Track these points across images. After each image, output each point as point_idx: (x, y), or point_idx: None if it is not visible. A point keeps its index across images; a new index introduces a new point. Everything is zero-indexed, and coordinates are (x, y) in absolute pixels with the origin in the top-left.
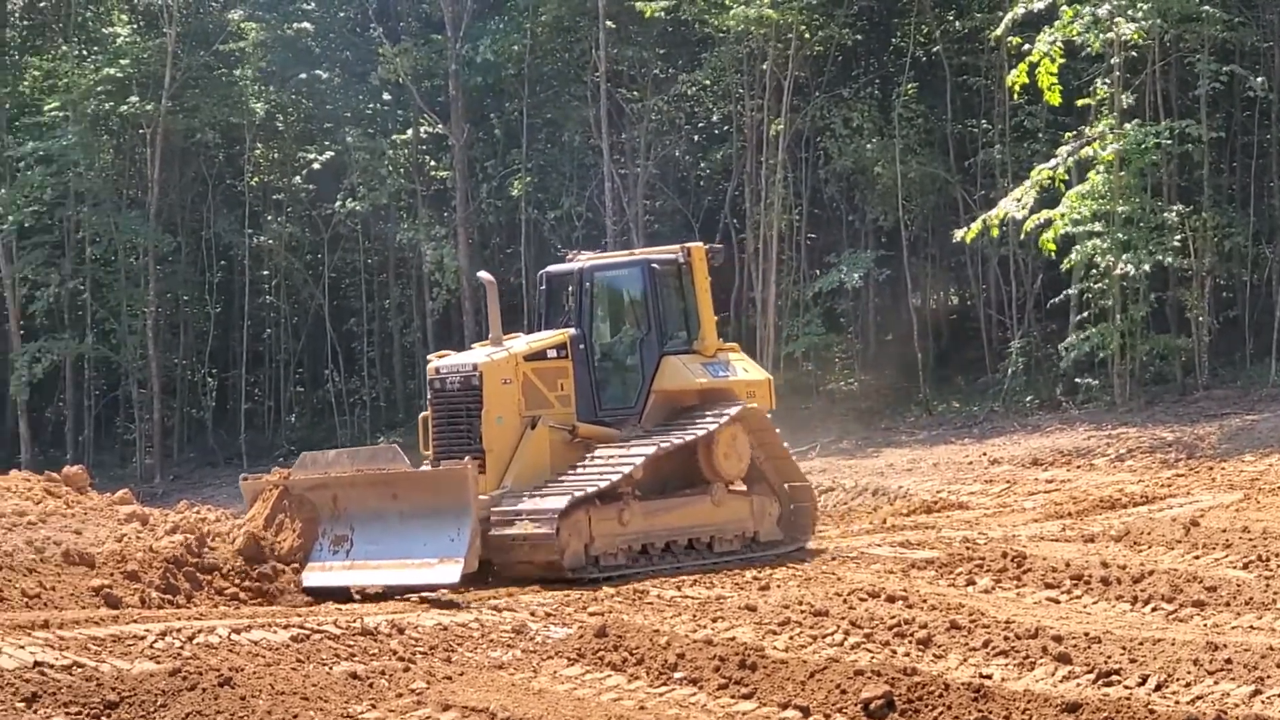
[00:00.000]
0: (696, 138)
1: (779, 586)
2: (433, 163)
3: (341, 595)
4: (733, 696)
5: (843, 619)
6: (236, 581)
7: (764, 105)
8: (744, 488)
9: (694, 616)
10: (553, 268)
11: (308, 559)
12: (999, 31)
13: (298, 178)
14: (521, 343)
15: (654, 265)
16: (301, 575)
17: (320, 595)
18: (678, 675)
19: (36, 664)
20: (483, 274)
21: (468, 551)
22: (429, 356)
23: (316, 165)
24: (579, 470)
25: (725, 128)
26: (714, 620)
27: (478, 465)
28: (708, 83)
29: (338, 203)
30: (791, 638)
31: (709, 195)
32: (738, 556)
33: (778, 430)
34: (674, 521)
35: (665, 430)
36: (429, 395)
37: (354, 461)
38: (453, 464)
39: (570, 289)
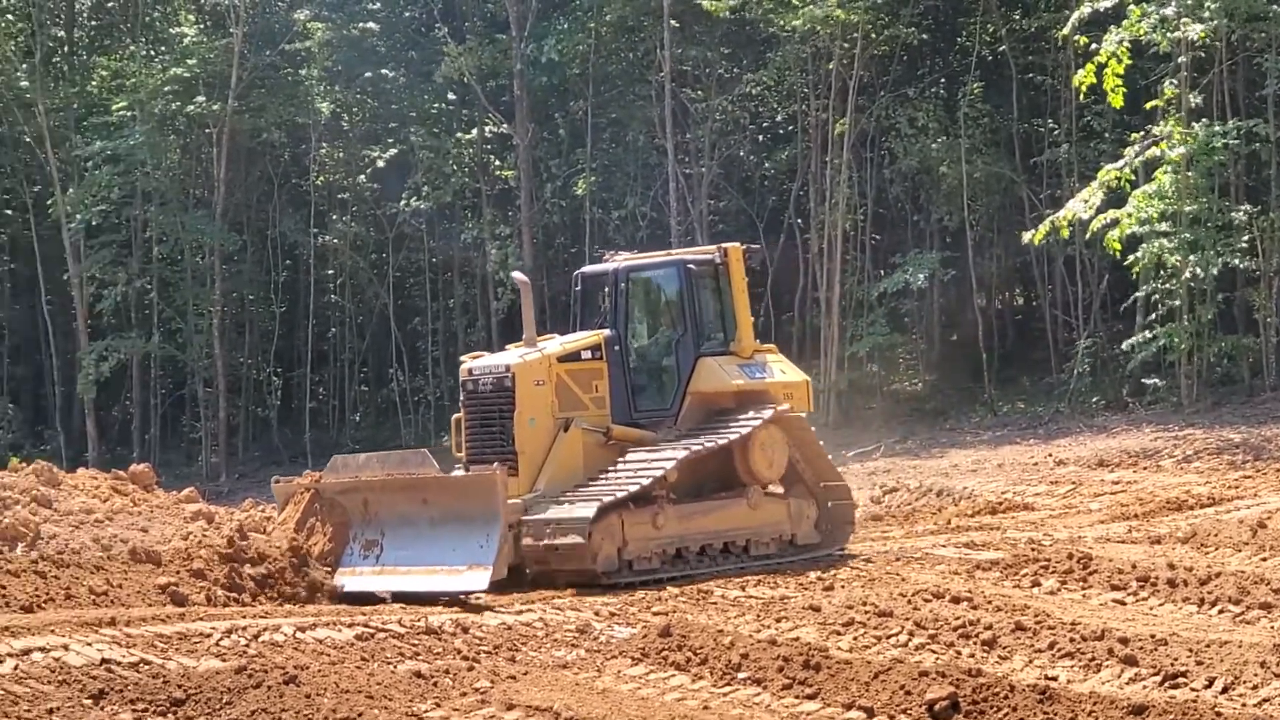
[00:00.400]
0: (761, 137)
1: (843, 587)
2: (497, 162)
3: (369, 599)
4: (797, 697)
5: (907, 620)
6: (275, 583)
7: (829, 105)
8: (781, 490)
9: (758, 616)
10: (588, 268)
11: (338, 563)
12: (1066, 30)
13: (362, 176)
14: (555, 344)
15: (690, 266)
16: (335, 579)
17: (350, 600)
18: (741, 675)
19: (104, 661)
20: (516, 274)
21: (496, 558)
22: (462, 358)
23: (380, 163)
24: (612, 473)
25: (789, 127)
26: (778, 620)
27: (508, 469)
28: (771, 82)
29: (402, 201)
30: (856, 638)
31: (773, 195)
32: (774, 560)
33: (813, 430)
34: (709, 525)
35: (700, 432)
36: (461, 397)
37: (384, 465)
38: (482, 469)
39: (606, 290)
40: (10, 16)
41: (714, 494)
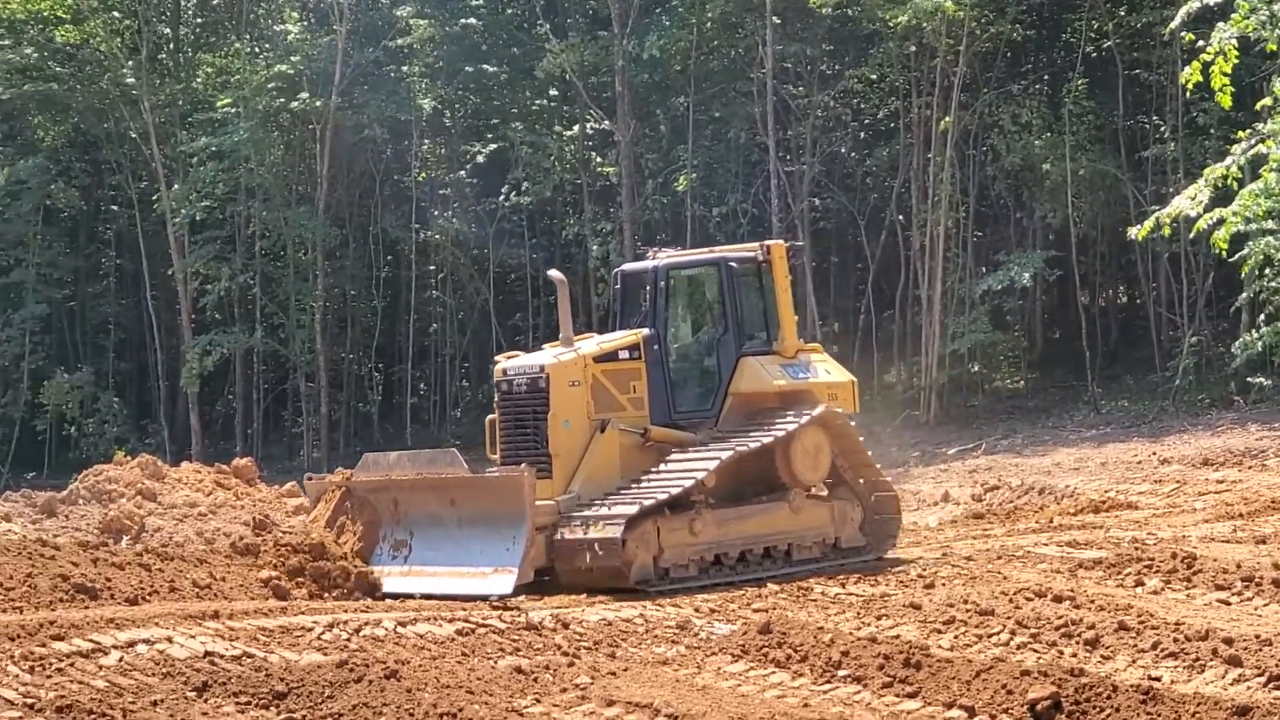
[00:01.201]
0: (862, 134)
1: (944, 585)
2: (598, 159)
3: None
4: (897, 695)
5: (1009, 618)
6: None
7: (932, 101)
8: (824, 493)
9: (858, 614)
10: (628, 266)
11: (367, 562)
12: (1174, 25)
13: (462, 172)
14: (592, 343)
15: (732, 264)
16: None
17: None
18: (842, 673)
19: (207, 654)
20: (553, 272)
21: (521, 562)
22: (497, 357)
23: (480, 159)
24: (648, 477)
25: (891, 124)
26: (878, 618)
27: (536, 471)
28: (873, 78)
29: (501, 197)
30: (957, 637)
31: (874, 192)
32: (818, 564)
33: (855, 429)
34: (750, 530)
35: (740, 434)
36: (496, 397)
37: (415, 464)
38: (510, 471)
39: (646, 288)
40: (117, 14)
41: (755, 497)
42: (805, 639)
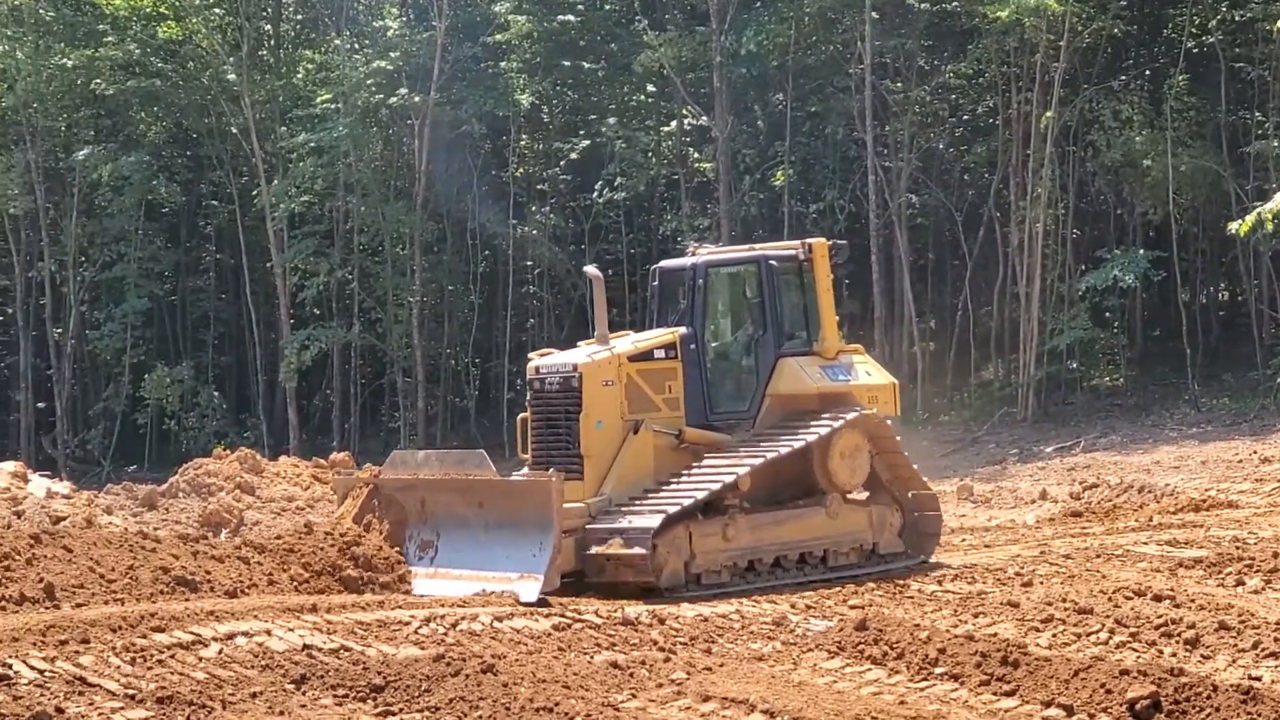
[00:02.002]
0: (960, 130)
1: (1042, 583)
2: (696, 154)
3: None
4: (994, 693)
5: (1108, 617)
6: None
7: (1031, 97)
8: (863, 497)
9: (955, 611)
10: (666, 263)
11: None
12: None
13: (555, 170)
14: (627, 342)
15: (772, 262)
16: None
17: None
18: (939, 670)
19: (305, 647)
20: (590, 269)
21: (548, 569)
22: (530, 355)
23: (574, 156)
24: (680, 480)
25: (990, 120)
26: (975, 616)
27: (571, 472)
28: (970, 73)
29: (595, 193)
30: (1055, 635)
31: (972, 189)
32: (855, 571)
33: (895, 431)
34: (784, 535)
35: (777, 436)
36: (528, 396)
37: (443, 465)
38: (538, 476)
39: (684, 286)
40: (219, 10)
41: (791, 501)
42: (902, 636)
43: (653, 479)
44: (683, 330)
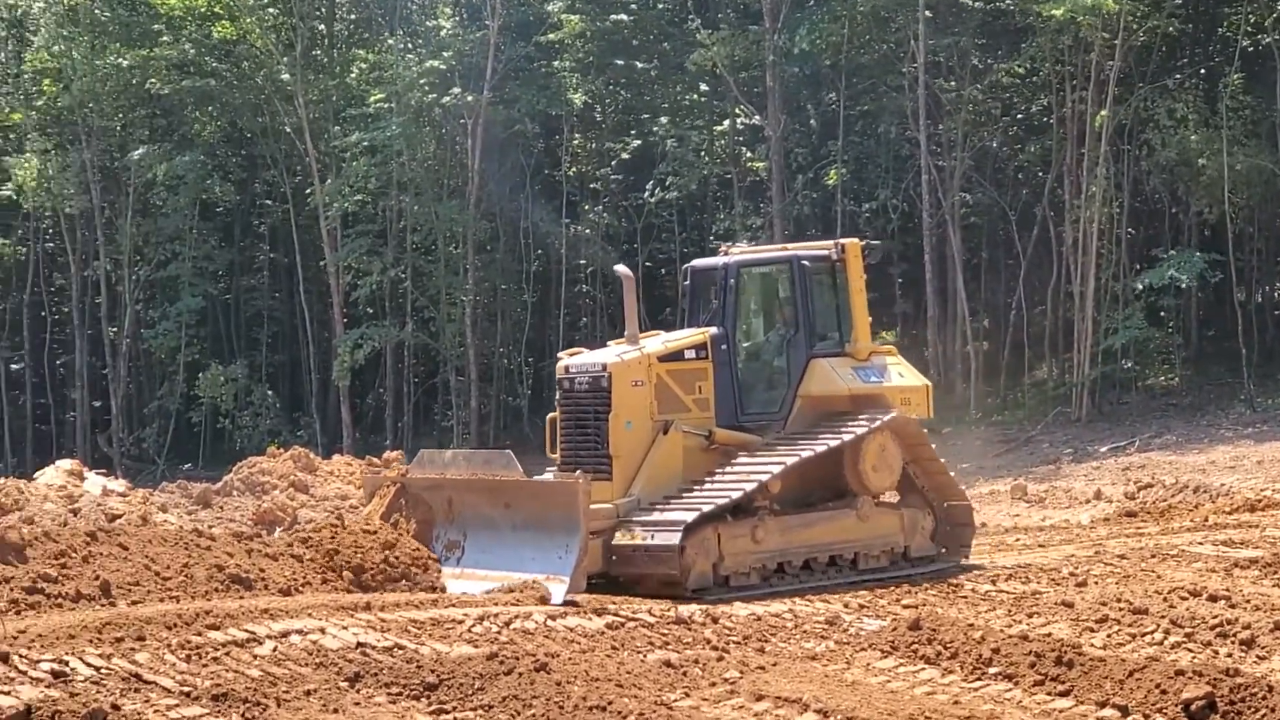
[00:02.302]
0: (1014, 129)
1: (1096, 583)
2: (749, 153)
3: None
4: (1049, 693)
5: (1163, 617)
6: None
7: (1086, 96)
8: (895, 499)
9: (1009, 611)
10: (698, 262)
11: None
12: None
13: (606, 170)
14: (657, 342)
15: (804, 262)
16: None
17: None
18: (993, 670)
19: (359, 645)
20: (620, 268)
21: (574, 572)
22: (559, 354)
23: (625, 156)
24: (710, 481)
25: (1044, 119)
26: (1029, 616)
27: (599, 473)
28: (1024, 72)
29: (646, 192)
30: (1110, 635)
31: (1026, 187)
32: (885, 574)
33: (928, 434)
34: (814, 537)
35: (808, 438)
36: (557, 395)
37: (470, 465)
38: (565, 476)
39: (715, 285)
40: (273, 10)
41: (822, 503)
42: (955, 636)
43: (682, 480)
44: (714, 330)
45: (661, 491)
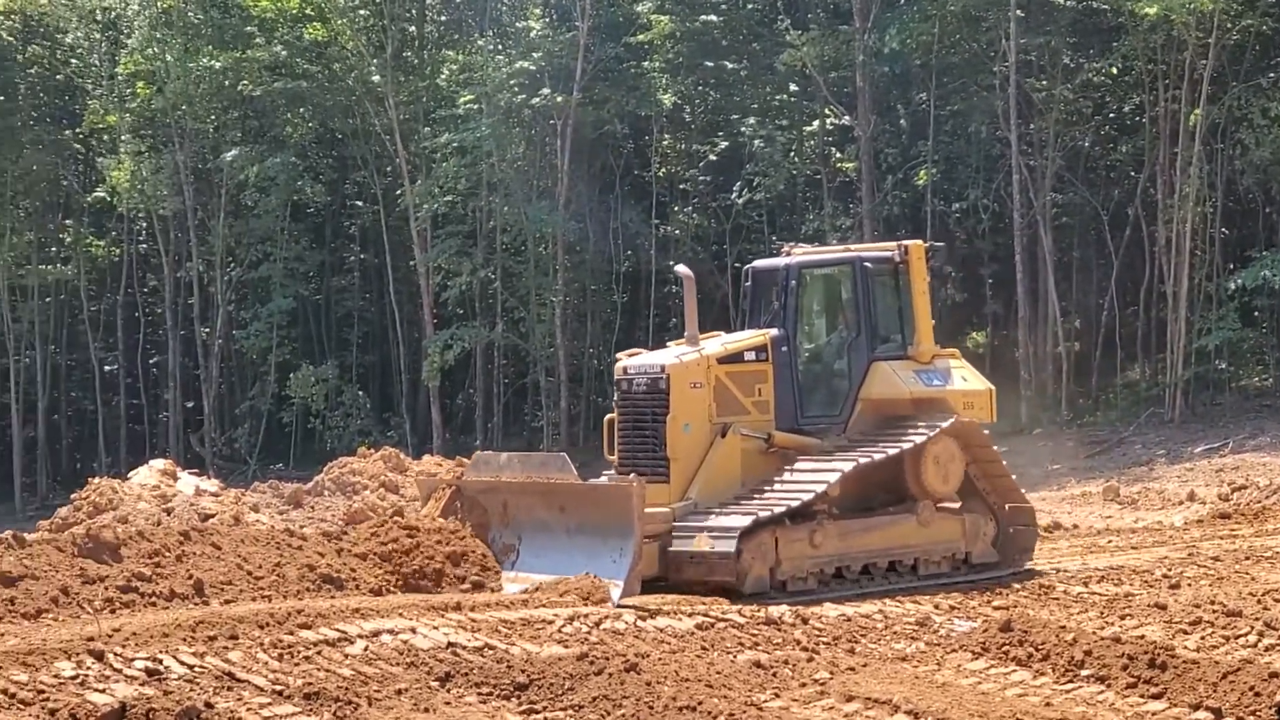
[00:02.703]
0: (1106, 128)
1: (1189, 585)
2: (838, 154)
3: None
4: (1141, 696)
5: (1257, 619)
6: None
7: (1179, 95)
8: (956, 506)
9: (1101, 613)
10: (759, 263)
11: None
12: None
13: (693, 171)
14: (716, 344)
15: (866, 264)
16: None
17: None
18: (1085, 673)
19: (450, 645)
20: (680, 267)
21: (628, 576)
22: (618, 355)
23: (712, 157)
24: (770, 486)
25: (1136, 118)
26: (1122, 617)
27: (653, 475)
28: (1116, 71)
29: (734, 193)
30: (1203, 637)
31: (1118, 187)
32: (946, 580)
33: (993, 440)
34: (874, 543)
35: (868, 442)
36: (615, 396)
37: (525, 468)
38: (620, 481)
39: (777, 286)
40: (364, 12)
41: (882, 508)
42: (1047, 638)
43: (740, 483)
44: (774, 332)
45: (719, 495)
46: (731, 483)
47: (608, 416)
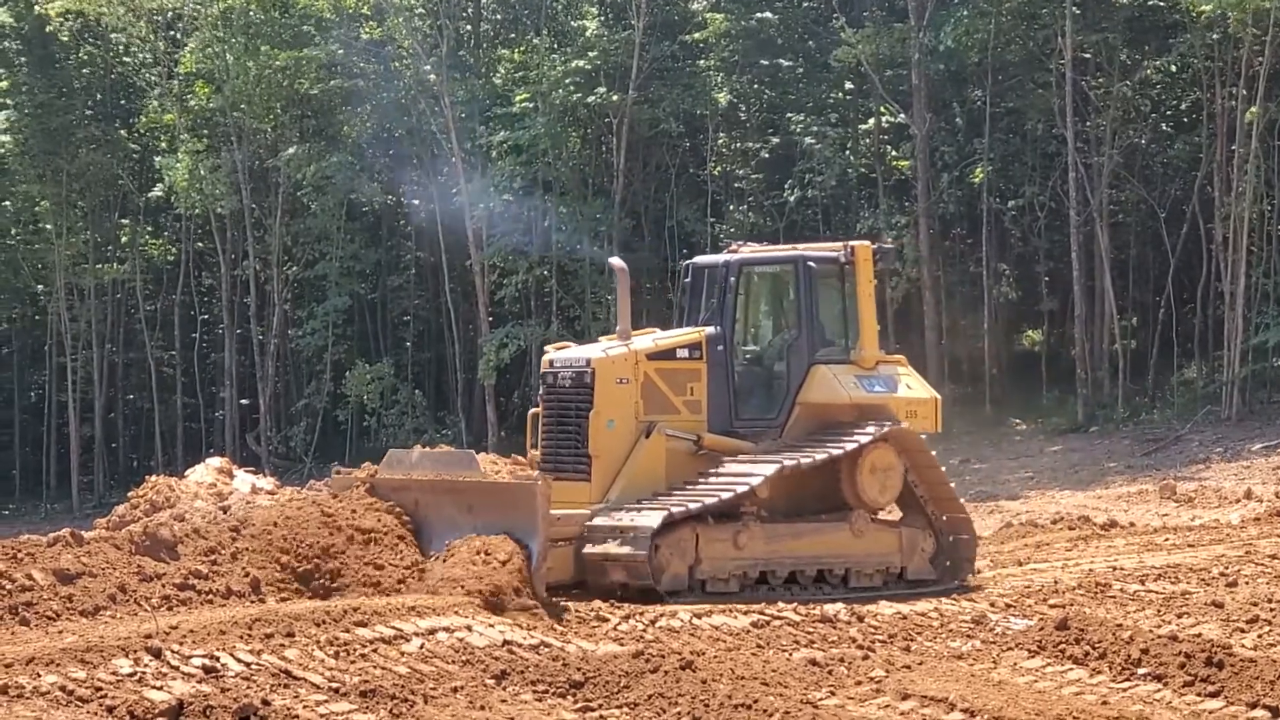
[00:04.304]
0: (1163, 125)
1: (1247, 583)
2: (894, 152)
3: None
4: (1199, 694)
5: None
6: None
7: (1236, 93)
8: (895, 518)
9: (1158, 611)
10: (699, 259)
11: None
12: None
13: (744, 170)
14: (648, 339)
15: (810, 263)
16: None
17: None
18: (1141, 671)
19: (506, 642)
20: (613, 260)
21: (534, 579)
22: (546, 348)
23: (764, 155)
24: (694, 485)
25: (1194, 115)
26: (1179, 616)
27: (568, 478)
28: (1173, 68)
29: (786, 190)
30: (1260, 635)
31: (1175, 185)
32: (878, 593)
33: (934, 453)
34: (803, 549)
35: (804, 447)
36: (540, 390)
37: (435, 465)
38: (525, 478)
39: (717, 284)
40: (420, 11)
41: (815, 517)
42: (1104, 636)
43: (665, 486)
44: (710, 330)
45: (642, 497)
46: (655, 485)
47: (531, 411)
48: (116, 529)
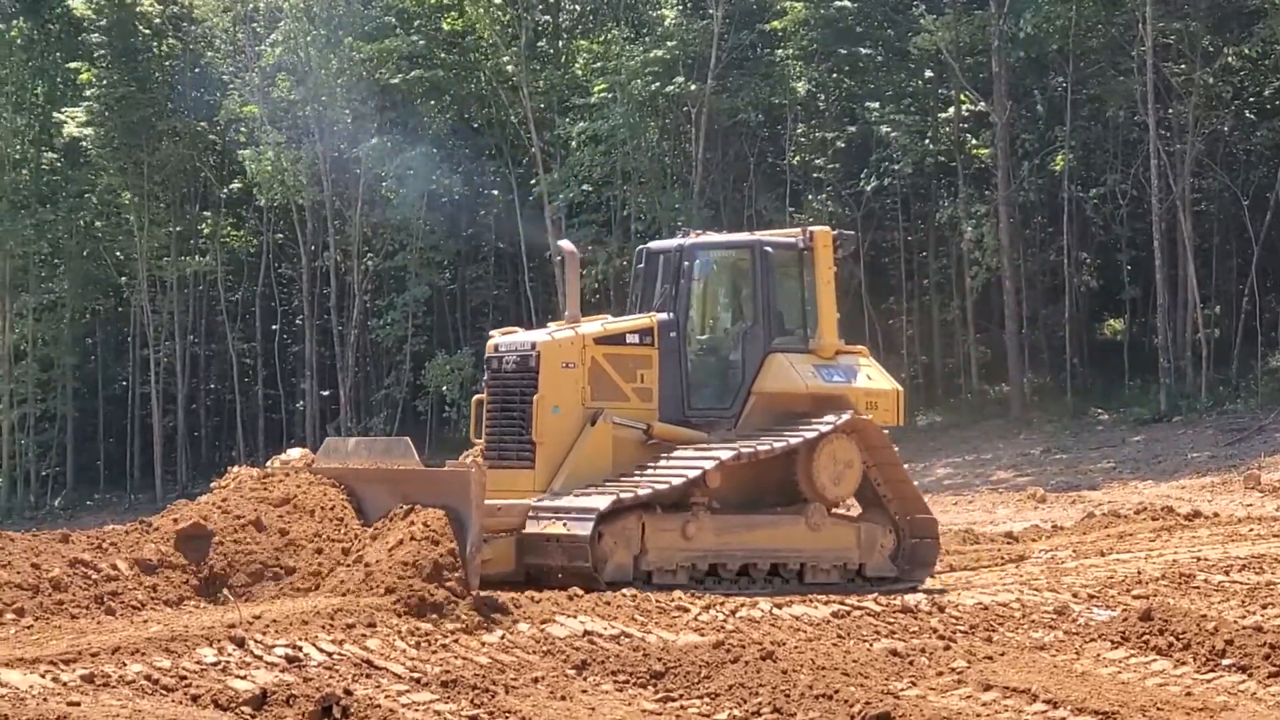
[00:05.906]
0: (1246, 112)
1: None
2: (973, 140)
3: None
4: None
5: None
6: None
7: None
8: (854, 514)
9: (1243, 602)
10: (653, 244)
11: None
12: None
13: (821, 160)
14: (597, 324)
15: (767, 249)
16: None
17: None
18: (1226, 662)
19: (586, 633)
20: (563, 243)
21: (466, 569)
22: (491, 332)
23: (840, 144)
24: (640, 472)
25: (1276, 102)
26: (1264, 606)
27: (512, 466)
28: (1255, 55)
29: (862, 179)
30: None
31: (1258, 172)
32: (834, 589)
33: (896, 447)
34: (755, 542)
35: (759, 437)
36: (485, 375)
37: (371, 453)
38: (458, 465)
39: (670, 270)
40: (499, 2)
41: (769, 509)
42: (1188, 627)
43: (613, 475)
44: (662, 316)
45: (586, 485)
46: (602, 474)
47: (476, 397)
48: None
